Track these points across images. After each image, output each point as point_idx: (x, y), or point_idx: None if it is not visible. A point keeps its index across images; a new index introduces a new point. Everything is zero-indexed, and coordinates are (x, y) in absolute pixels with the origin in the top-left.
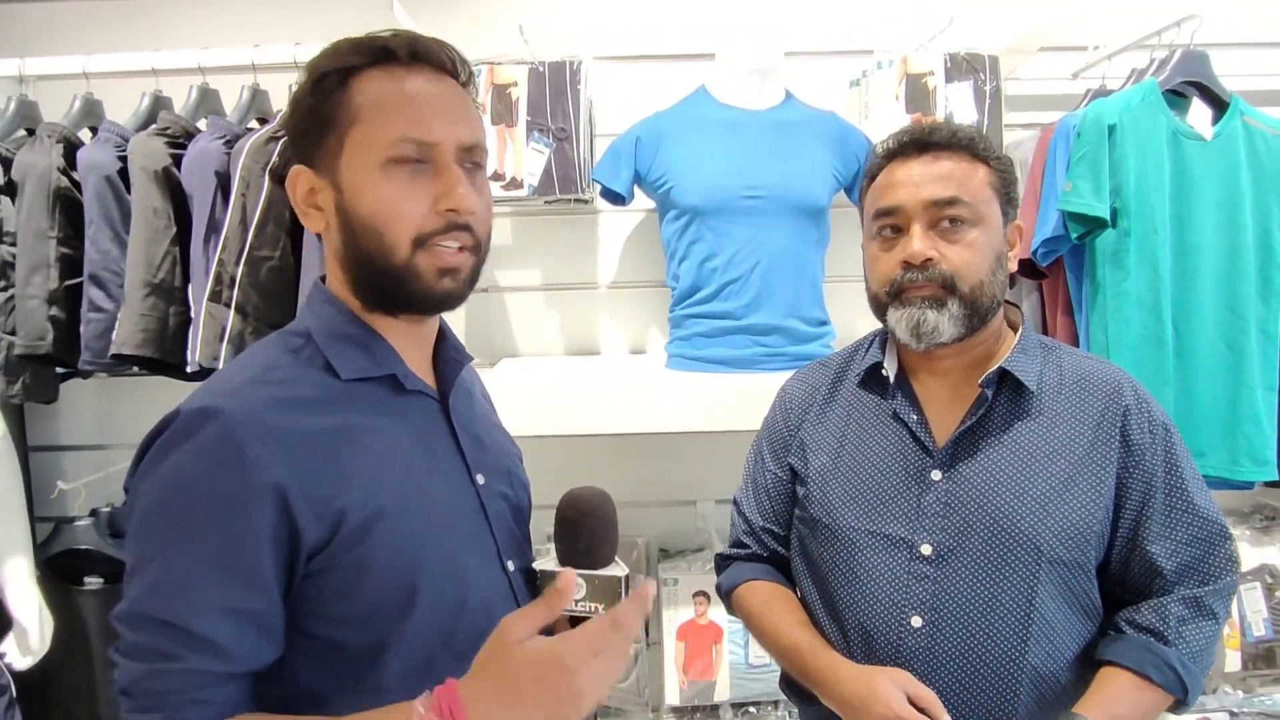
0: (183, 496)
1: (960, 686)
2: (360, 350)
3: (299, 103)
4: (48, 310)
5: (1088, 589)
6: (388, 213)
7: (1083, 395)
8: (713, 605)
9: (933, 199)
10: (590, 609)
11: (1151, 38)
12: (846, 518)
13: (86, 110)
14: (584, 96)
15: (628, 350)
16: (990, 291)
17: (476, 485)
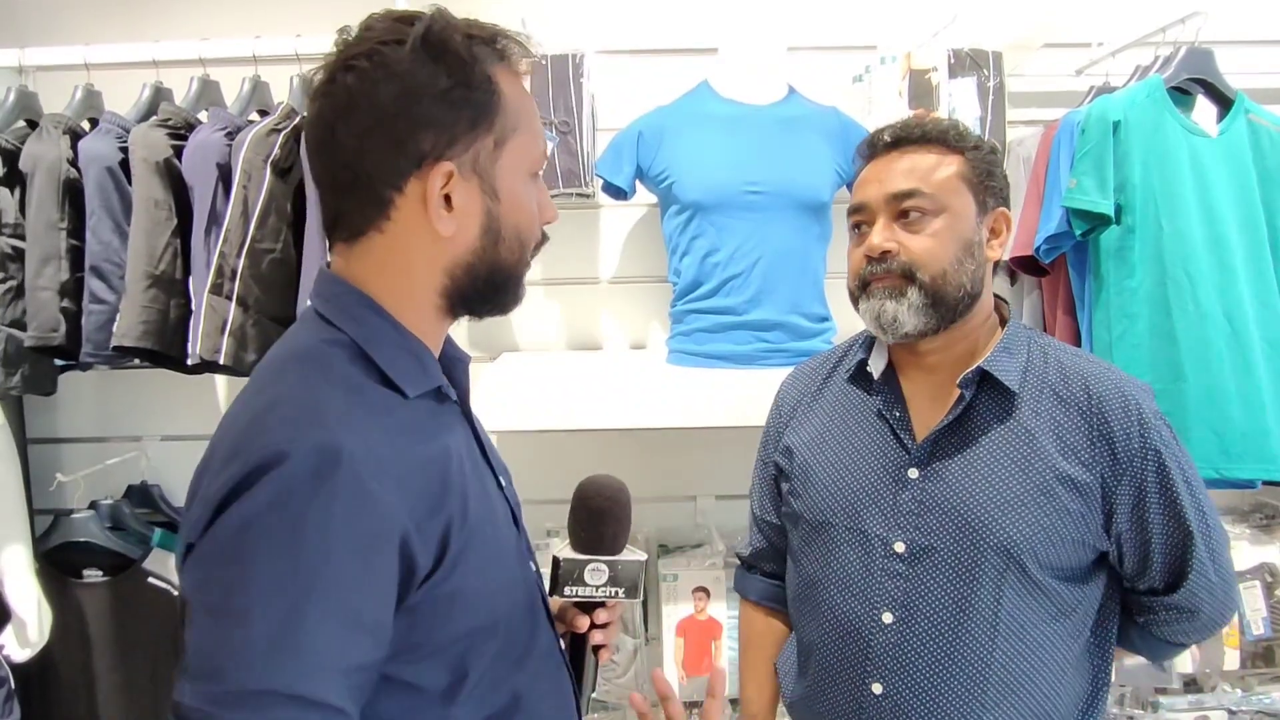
0: (310, 545)
1: (929, 684)
2: (415, 363)
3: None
4: (59, 302)
5: (1066, 593)
6: (534, 226)
7: (1068, 396)
8: (712, 601)
9: (893, 192)
10: (611, 593)
11: (1156, 34)
12: (825, 513)
13: (88, 101)
14: (586, 90)
15: (629, 345)
16: (956, 280)
17: (503, 490)
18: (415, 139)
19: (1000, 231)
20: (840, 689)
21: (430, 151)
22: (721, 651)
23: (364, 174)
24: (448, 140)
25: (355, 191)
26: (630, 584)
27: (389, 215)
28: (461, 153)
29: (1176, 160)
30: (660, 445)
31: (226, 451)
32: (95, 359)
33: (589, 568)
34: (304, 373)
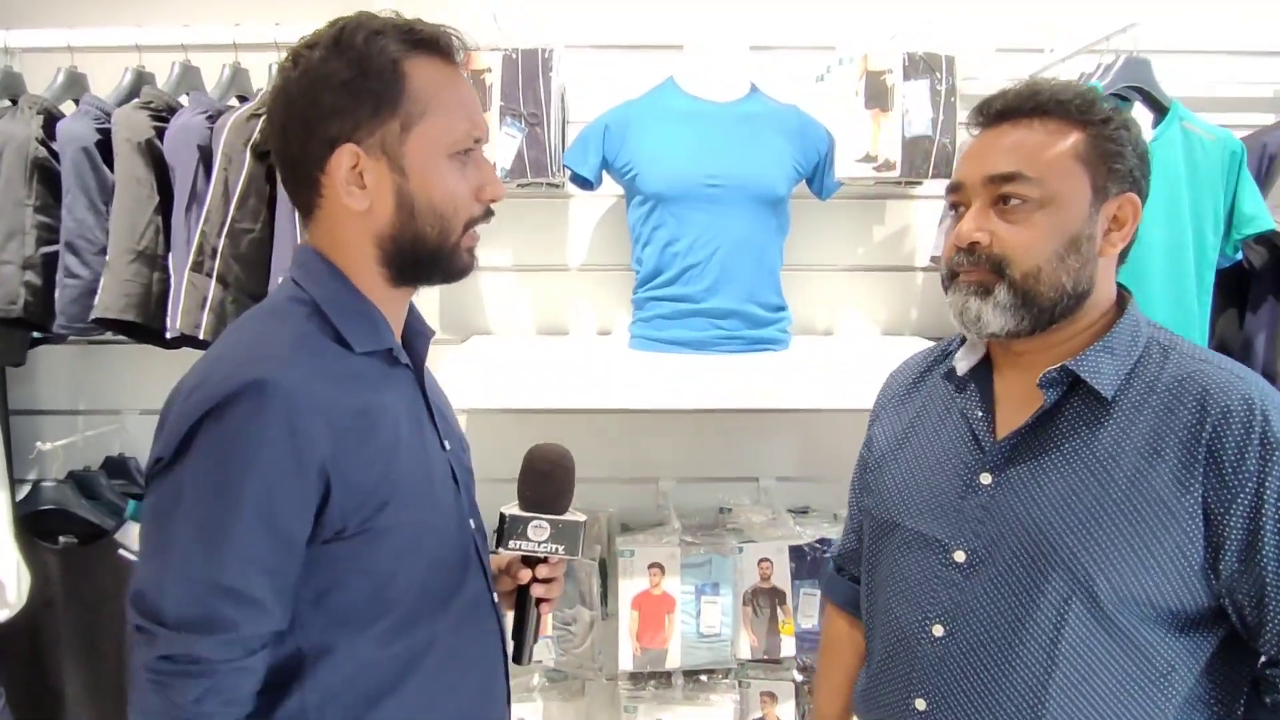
0: (239, 462)
1: (973, 709)
2: (367, 324)
3: (341, 79)
4: (22, 275)
5: (1156, 643)
6: (454, 201)
7: (1177, 407)
8: (666, 576)
9: (990, 174)
10: (552, 549)
11: (1100, 42)
12: (892, 512)
13: (70, 83)
14: (555, 83)
15: (595, 331)
16: (1053, 279)
17: (446, 452)
18: (324, 126)
19: (1125, 221)
20: (887, 700)
21: (339, 136)
22: (675, 624)
23: (295, 159)
24: (353, 125)
25: (294, 174)
26: (570, 541)
27: (321, 194)
28: (367, 136)
29: None
30: (624, 429)
31: (189, 387)
32: (68, 330)
33: (531, 524)
34: (263, 323)
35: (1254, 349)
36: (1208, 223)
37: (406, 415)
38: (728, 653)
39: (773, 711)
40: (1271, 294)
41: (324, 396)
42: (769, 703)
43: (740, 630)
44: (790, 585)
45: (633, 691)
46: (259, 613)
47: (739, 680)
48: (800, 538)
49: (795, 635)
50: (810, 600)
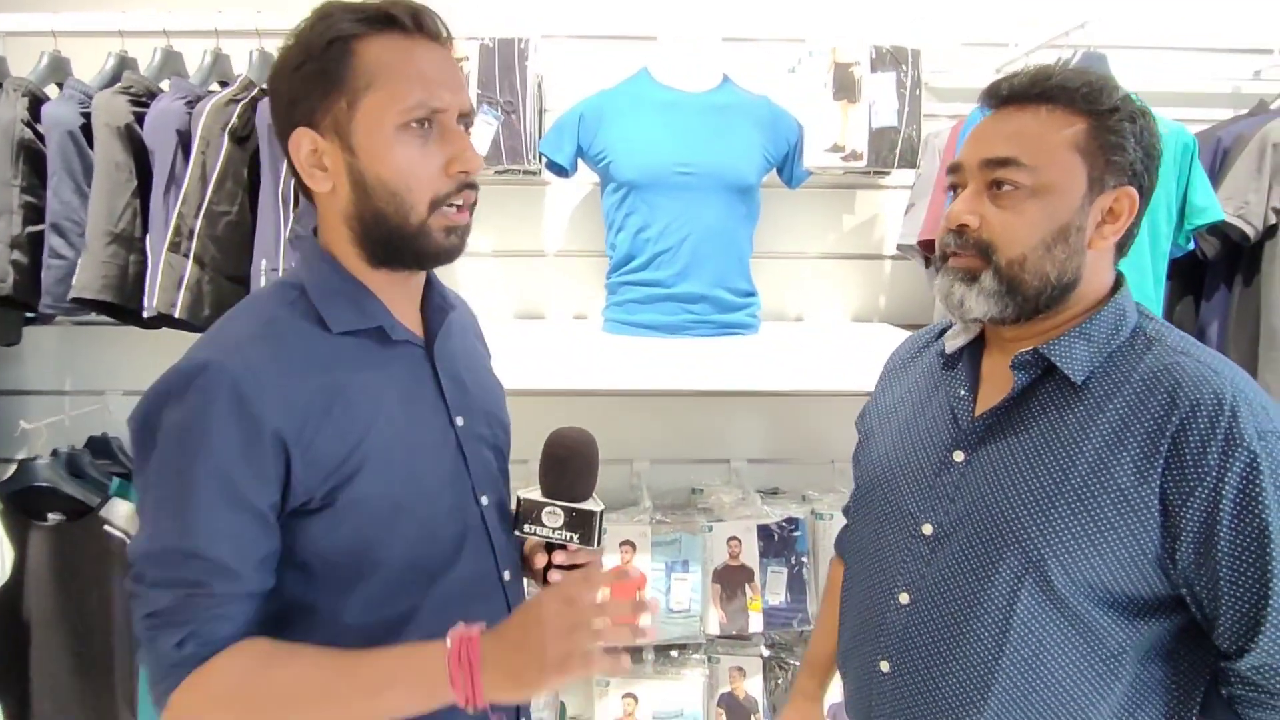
0: (194, 442)
1: (930, 674)
2: (350, 304)
3: (294, 66)
4: (9, 254)
5: (1109, 626)
6: (406, 176)
7: (1145, 394)
8: (637, 554)
9: (986, 157)
10: (566, 536)
11: (1060, 37)
12: (874, 483)
13: (54, 67)
14: (531, 72)
15: (571, 315)
16: (1038, 268)
17: (456, 427)
18: (288, 113)
19: (1120, 214)
20: (859, 660)
21: (299, 120)
22: None
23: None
24: (308, 109)
25: (289, 166)
26: (584, 530)
27: (303, 180)
28: (323, 118)
29: None
30: (598, 411)
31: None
32: (54, 310)
33: (546, 510)
34: (237, 313)
35: (1208, 336)
36: (1161, 214)
37: (396, 391)
38: (697, 628)
39: (741, 686)
40: (1224, 283)
41: (278, 375)
42: (737, 677)
43: (709, 607)
44: (758, 564)
45: None
46: (228, 576)
47: (708, 655)
48: (768, 517)
49: (763, 612)
50: (777, 578)
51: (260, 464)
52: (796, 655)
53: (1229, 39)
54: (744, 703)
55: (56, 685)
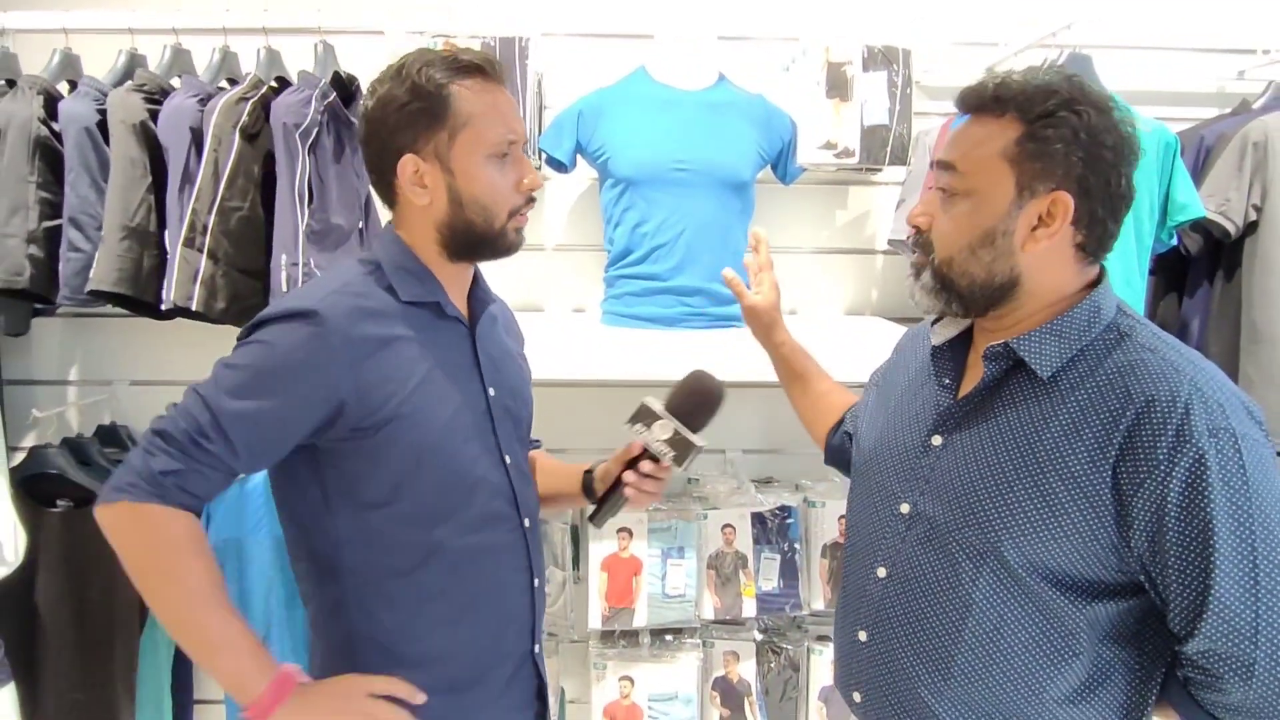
0: (273, 362)
1: (900, 646)
2: (416, 281)
3: (401, 103)
4: (26, 249)
5: (1065, 607)
6: (493, 193)
7: (1106, 389)
8: (634, 540)
9: (936, 159)
10: (663, 450)
11: (1047, 37)
12: (865, 462)
13: (65, 64)
14: (531, 70)
15: (570, 308)
16: (963, 269)
17: (488, 395)
18: (392, 140)
19: (1055, 218)
20: (844, 628)
21: (403, 147)
22: (642, 586)
23: (377, 168)
24: (412, 138)
25: (376, 179)
26: (681, 453)
27: (395, 193)
28: (424, 145)
29: None
30: (596, 401)
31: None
32: (71, 301)
33: (659, 421)
34: (330, 274)
35: (1191, 330)
36: (1144, 210)
37: (439, 357)
38: (692, 613)
39: (735, 669)
40: (1206, 279)
41: (354, 325)
42: (731, 661)
43: (704, 592)
44: (752, 550)
45: (602, 650)
46: (229, 448)
47: (703, 640)
48: (762, 505)
49: (756, 597)
50: (771, 564)
51: (315, 412)
52: (789, 640)
53: (1214, 40)
54: (737, 686)
55: (61, 667)
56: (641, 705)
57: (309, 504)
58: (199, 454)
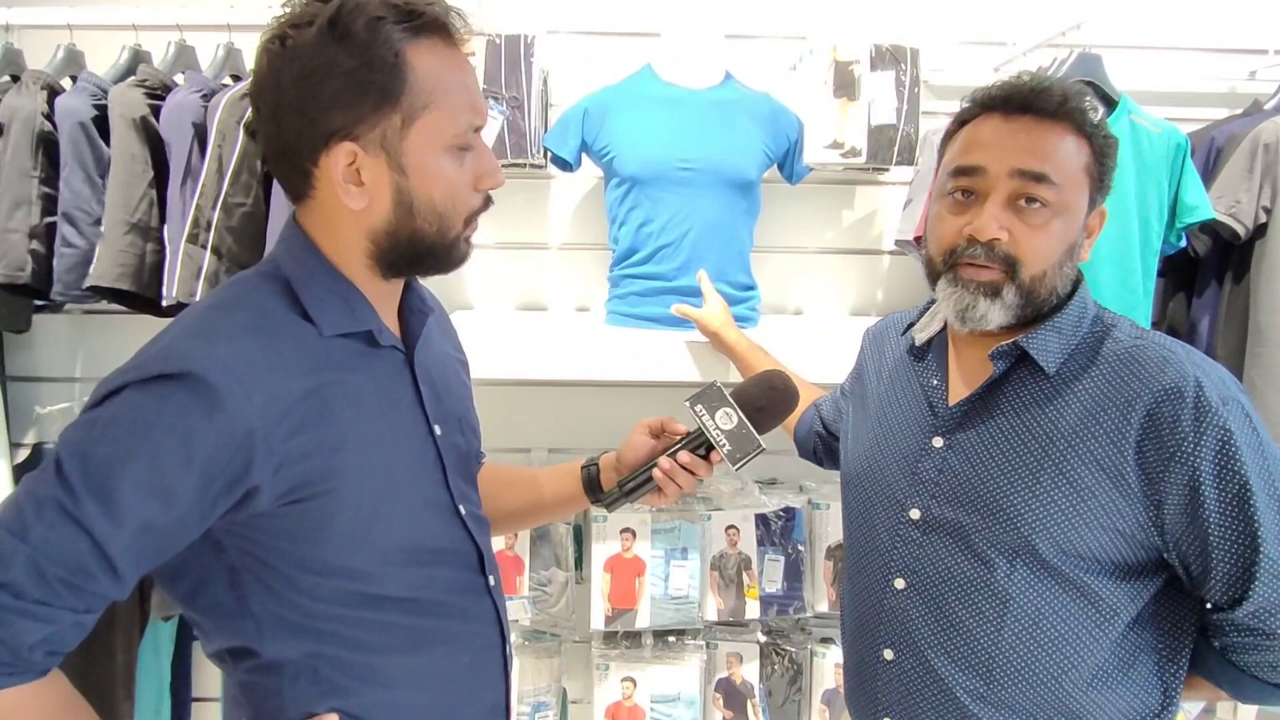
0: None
1: (933, 657)
2: (343, 307)
3: (335, 68)
4: (28, 244)
5: (1103, 590)
6: (452, 197)
7: (1114, 377)
8: (637, 541)
9: (1020, 169)
10: (721, 442)
11: (1056, 37)
12: (859, 470)
13: (69, 60)
14: (536, 68)
15: (574, 307)
16: (1052, 284)
17: (435, 436)
18: (323, 118)
19: (1094, 230)
20: (859, 653)
21: (337, 130)
22: (645, 587)
23: (286, 148)
24: (353, 119)
25: (283, 162)
26: (740, 447)
27: (313, 184)
28: (367, 131)
29: None
30: (599, 401)
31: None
32: (65, 298)
33: (725, 409)
34: (224, 296)
35: (1199, 331)
36: (1152, 211)
37: (376, 398)
38: (695, 614)
39: (738, 671)
40: (1215, 279)
41: (263, 378)
42: (734, 663)
43: (707, 593)
44: (755, 551)
45: (604, 651)
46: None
47: (706, 641)
48: (765, 507)
49: (760, 599)
50: (774, 566)
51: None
52: (793, 642)
53: (1224, 39)
54: (740, 688)
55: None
56: (644, 706)
57: (210, 589)
58: (77, 600)
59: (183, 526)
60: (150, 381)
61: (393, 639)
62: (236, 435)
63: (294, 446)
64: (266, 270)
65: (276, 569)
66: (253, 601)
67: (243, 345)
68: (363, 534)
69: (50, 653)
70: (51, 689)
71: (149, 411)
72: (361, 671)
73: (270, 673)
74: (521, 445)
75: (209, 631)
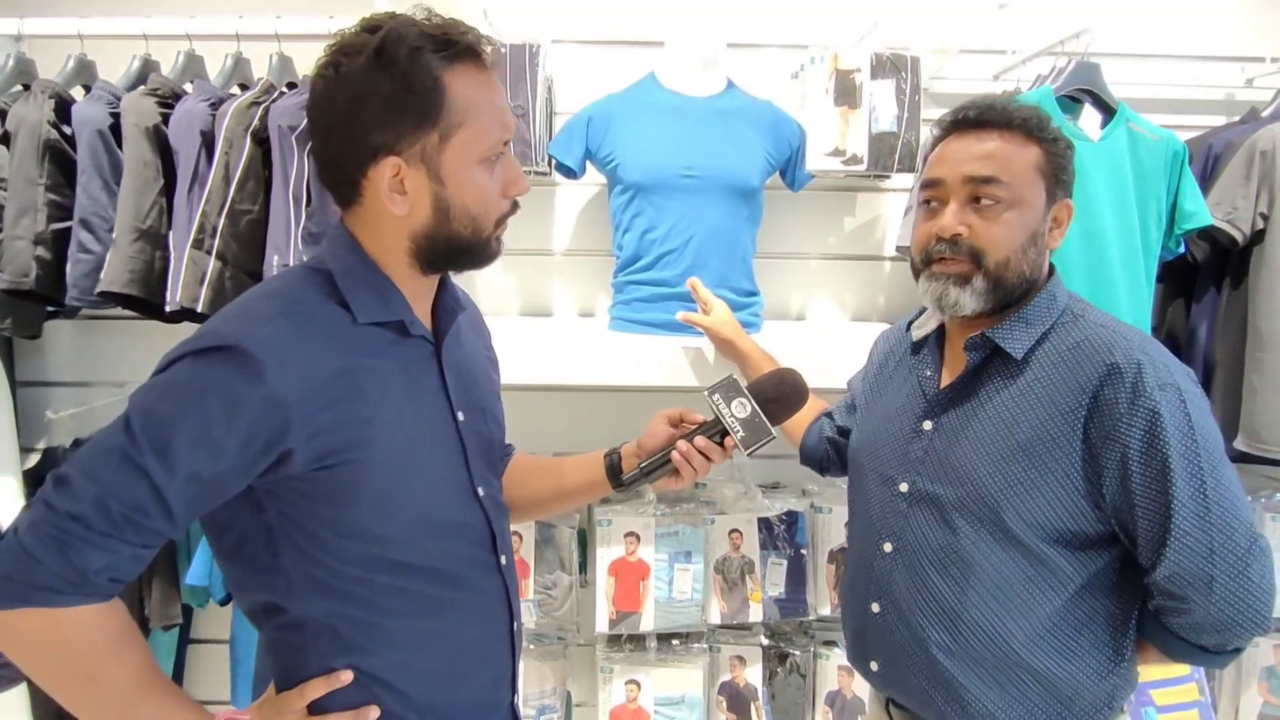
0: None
1: (910, 612)
2: (376, 297)
3: (379, 94)
4: (33, 250)
5: (1060, 560)
6: (485, 203)
7: (1071, 362)
8: (642, 545)
9: (970, 175)
10: (735, 429)
11: (1056, 46)
12: (862, 453)
13: (80, 69)
14: (542, 77)
15: (577, 313)
16: (1018, 268)
17: (458, 422)
18: (368, 137)
19: (1062, 221)
20: (854, 604)
21: (381, 146)
22: (649, 590)
23: (335, 162)
24: (395, 136)
25: (333, 173)
26: (752, 435)
27: (361, 193)
28: (409, 147)
29: None
30: (603, 406)
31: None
32: (80, 303)
33: (740, 399)
34: (269, 287)
35: (1198, 336)
36: (1151, 217)
37: (403, 381)
38: (699, 618)
39: (741, 674)
40: (1213, 285)
41: (299, 355)
42: (738, 666)
43: (711, 597)
44: (759, 555)
45: (608, 654)
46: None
47: (710, 644)
48: (769, 511)
49: (763, 602)
50: (777, 570)
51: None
52: (796, 645)
53: (1222, 48)
54: (744, 691)
55: None
56: (648, 709)
57: (249, 545)
58: (137, 535)
59: (227, 479)
60: (203, 352)
61: (407, 604)
62: (274, 403)
63: (325, 418)
64: (312, 265)
65: (308, 530)
66: (284, 559)
67: (280, 326)
68: (385, 502)
69: (112, 579)
70: (114, 615)
71: (200, 377)
72: (377, 633)
73: (295, 629)
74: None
75: (245, 585)
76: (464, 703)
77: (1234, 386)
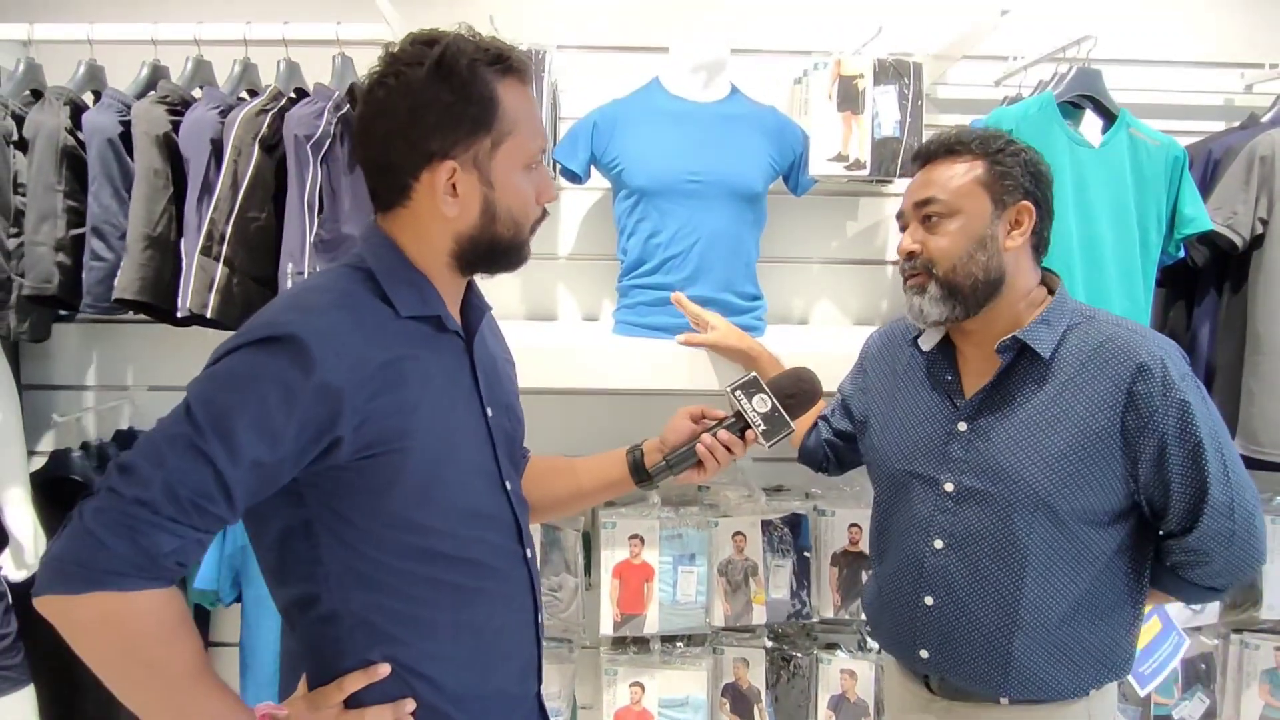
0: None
1: (969, 602)
2: (416, 292)
3: (440, 102)
4: (55, 256)
5: (1094, 539)
6: (525, 206)
7: (1100, 361)
8: (646, 547)
9: (915, 200)
10: (756, 423)
11: (1058, 52)
12: (893, 461)
13: (90, 75)
14: (547, 83)
15: (582, 317)
16: (966, 271)
17: (487, 416)
18: (426, 142)
19: (1022, 222)
20: (901, 602)
21: (438, 151)
22: (653, 593)
23: (389, 165)
24: (451, 142)
25: (385, 176)
26: (773, 429)
27: (410, 195)
28: (463, 152)
29: (1059, 167)
30: (608, 409)
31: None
32: (94, 309)
33: (760, 395)
34: (315, 282)
35: (1199, 339)
36: (1151, 222)
37: (442, 374)
38: (702, 620)
39: (745, 676)
40: (1213, 289)
41: (351, 346)
42: (741, 668)
43: (715, 599)
44: (762, 558)
45: (613, 656)
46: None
47: (713, 646)
48: (772, 514)
49: (766, 605)
50: (781, 572)
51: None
52: (799, 647)
53: (1221, 54)
54: (747, 693)
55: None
56: (652, 711)
57: (290, 538)
58: (202, 521)
59: (282, 467)
60: (260, 343)
61: (442, 595)
62: (328, 392)
63: (374, 407)
64: (351, 263)
65: (349, 520)
66: (324, 550)
67: (334, 318)
68: (426, 490)
69: (178, 563)
70: (174, 601)
71: (258, 367)
72: (413, 624)
73: (331, 622)
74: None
75: (285, 577)
76: (494, 693)
77: (1233, 390)
